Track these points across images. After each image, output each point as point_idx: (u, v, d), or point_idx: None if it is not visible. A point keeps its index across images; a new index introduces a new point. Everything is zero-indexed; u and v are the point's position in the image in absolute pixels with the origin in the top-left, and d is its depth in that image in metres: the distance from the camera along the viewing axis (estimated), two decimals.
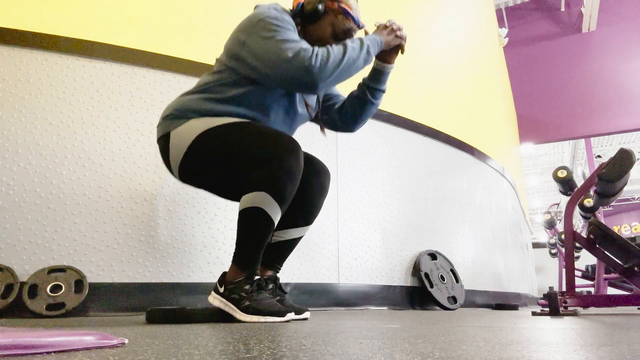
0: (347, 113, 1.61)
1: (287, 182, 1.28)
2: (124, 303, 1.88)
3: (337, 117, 1.63)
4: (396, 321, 1.31)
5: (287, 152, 1.28)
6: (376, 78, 1.55)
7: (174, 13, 2.32)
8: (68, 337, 0.58)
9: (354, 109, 1.60)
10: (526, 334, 0.87)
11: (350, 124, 1.63)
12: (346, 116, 1.61)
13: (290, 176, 1.28)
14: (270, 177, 1.27)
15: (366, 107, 1.58)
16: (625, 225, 16.72)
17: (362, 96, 1.57)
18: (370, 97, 1.57)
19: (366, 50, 1.38)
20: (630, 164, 2.24)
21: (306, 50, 1.28)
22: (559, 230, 7.04)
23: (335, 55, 1.31)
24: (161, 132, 1.42)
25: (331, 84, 1.34)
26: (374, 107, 1.60)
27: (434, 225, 3.16)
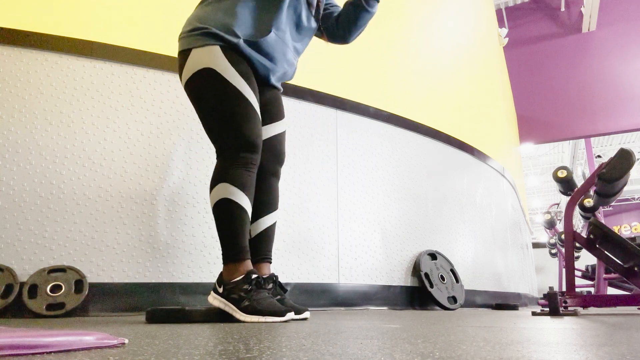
0: (344, 21, 1.68)
1: (244, 172, 1.39)
2: (124, 303, 1.88)
3: (334, 25, 1.70)
4: (396, 321, 1.31)
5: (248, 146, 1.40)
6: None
7: (174, 13, 2.32)
8: (68, 337, 0.58)
9: (349, 17, 1.66)
10: (526, 334, 0.87)
11: (345, 32, 1.70)
12: (343, 24, 1.69)
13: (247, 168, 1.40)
14: (229, 169, 1.38)
15: (361, 15, 1.65)
16: (625, 225, 16.72)
17: (357, 4, 1.64)
18: (365, 5, 1.63)
19: None
20: (630, 164, 2.24)
21: None
22: (559, 230, 7.04)
23: None
24: (183, 47, 1.47)
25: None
26: (368, 15, 1.67)
27: (434, 225, 3.16)
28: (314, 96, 2.65)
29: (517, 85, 8.53)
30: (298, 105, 2.60)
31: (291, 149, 2.50)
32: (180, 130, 2.18)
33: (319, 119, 2.67)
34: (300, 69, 2.29)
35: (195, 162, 2.18)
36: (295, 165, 2.50)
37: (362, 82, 3.01)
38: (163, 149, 2.12)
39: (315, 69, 2.72)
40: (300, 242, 2.40)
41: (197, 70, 1.42)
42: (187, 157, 2.17)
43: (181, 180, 2.13)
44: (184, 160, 2.16)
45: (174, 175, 2.12)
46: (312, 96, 2.65)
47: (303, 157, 2.54)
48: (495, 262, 3.92)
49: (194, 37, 1.44)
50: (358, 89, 2.95)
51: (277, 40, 1.50)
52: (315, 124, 2.64)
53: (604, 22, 8.54)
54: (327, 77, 2.80)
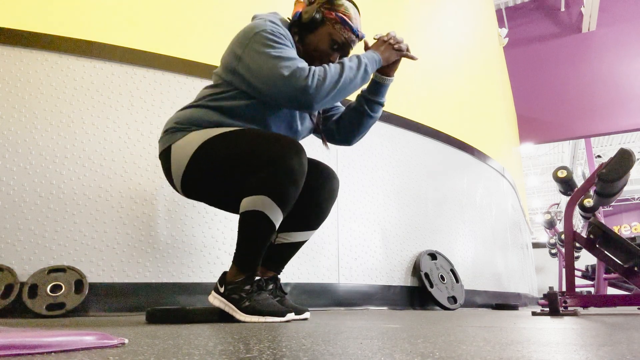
0: (345, 126, 1.57)
1: (289, 185, 1.25)
2: (124, 303, 1.88)
3: (334, 129, 1.60)
4: (396, 321, 1.31)
5: (290, 153, 1.25)
6: (375, 91, 1.52)
7: (174, 13, 2.32)
8: (68, 337, 0.58)
9: (351, 121, 1.56)
10: (526, 334, 0.87)
11: (348, 136, 1.59)
12: (344, 129, 1.58)
13: (293, 179, 1.25)
14: (272, 180, 1.24)
15: (364, 120, 1.55)
16: (625, 225, 16.72)
17: (360, 109, 1.54)
18: (368, 110, 1.53)
19: (364, 70, 1.36)
20: (630, 164, 2.24)
21: (302, 70, 1.26)
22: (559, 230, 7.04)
23: (332, 75, 1.29)
24: (162, 147, 1.39)
25: (327, 104, 1.32)
26: (372, 120, 1.57)
27: (434, 225, 3.16)
28: None
29: (517, 85, 8.53)
30: None
31: None
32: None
33: None
34: None
35: None
36: None
37: None
38: None
39: None
40: None
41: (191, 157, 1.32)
42: None
43: None
44: None
45: None
46: None
47: None
48: (495, 262, 3.92)
49: (170, 135, 1.37)
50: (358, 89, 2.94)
51: None
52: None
53: (604, 22, 8.54)
54: None
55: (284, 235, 1.49)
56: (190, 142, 1.33)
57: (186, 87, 2.24)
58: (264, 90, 1.30)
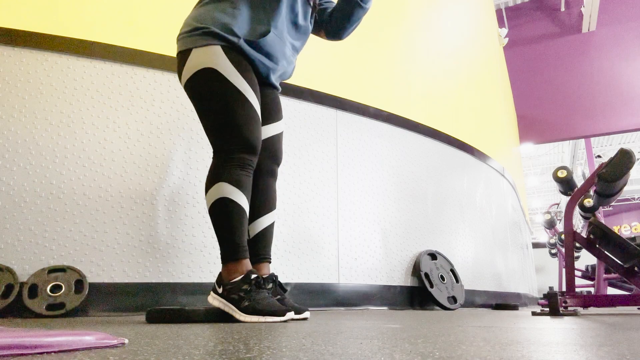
0: (337, 16, 1.67)
1: (241, 172, 1.38)
2: (124, 303, 1.88)
3: (327, 21, 1.69)
4: (396, 321, 1.31)
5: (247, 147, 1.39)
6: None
7: (174, 13, 2.32)
8: (68, 337, 0.58)
9: (343, 13, 1.65)
10: (526, 334, 0.87)
11: (339, 28, 1.69)
12: (336, 20, 1.67)
13: (244, 168, 1.39)
14: (225, 168, 1.37)
15: (355, 11, 1.64)
16: (625, 225, 16.72)
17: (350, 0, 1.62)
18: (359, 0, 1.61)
19: None
20: (630, 164, 2.24)
21: None
22: (559, 230, 7.05)
23: None
24: (183, 47, 1.46)
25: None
26: (362, 11, 1.66)
27: (434, 225, 3.16)
28: (314, 96, 2.65)
29: (517, 85, 8.53)
30: (298, 105, 2.60)
31: (291, 149, 2.50)
32: (180, 130, 2.18)
33: (319, 119, 2.67)
34: (300, 69, 2.29)
35: (195, 162, 2.18)
36: (295, 165, 2.50)
37: (362, 82, 3.01)
38: (163, 149, 2.12)
39: (315, 69, 2.72)
40: (300, 242, 2.40)
41: (197, 70, 1.42)
42: (187, 157, 2.17)
43: (181, 180, 2.13)
44: (184, 160, 2.16)
45: (174, 175, 2.12)
46: (312, 96, 2.64)
47: (303, 157, 2.54)
48: (495, 262, 3.92)
49: (193, 37, 1.44)
50: (358, 89, 2.95)
51: (276, 39, 1.49)
52: (315, 124, 2.64)
53: (604, 22, 8.54)
54: (327, 77, 2.80)
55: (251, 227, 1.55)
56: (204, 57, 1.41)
57: None
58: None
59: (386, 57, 3.24)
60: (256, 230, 1.56)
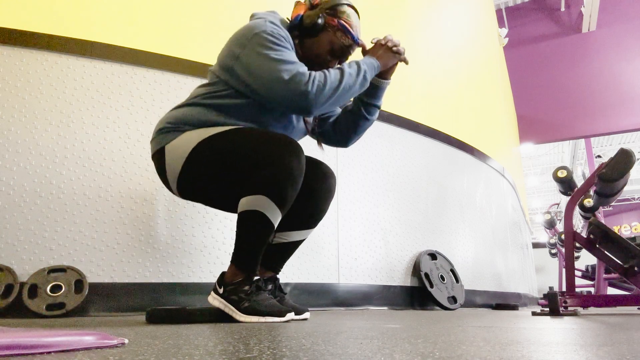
0: (342, 128, 1.58)
1: (287, 184, 1.25)
2: (124, 303, 1.88)
3: (331, 131, 1.60)
4: (396, 321, 1.31)
5: (288, 153, 1.25)
6: (372, 93, 1.52)
7: (174, 13, 2.32)
8: (68, 337, 0.58)
9: (348, 124, 1.57)
10: (526, 334, 0.87)
11: (344, 138, 1.60)
12: (340, 131, 1.58)
13: (292, 178, 1.25)
14: (271, 180, 1.24)
15: (360, 123, 1.56)
16: (625, 225, 16.72)
17: (356, 111, 1.54)
18: (364, 113, 1.54)
19: (362, 76, 1.36)
20: (630, 164, 2.24)
21: (303, 75, 1.25)
22: (559, 230, 7.04)
23: (332, 81, 1.29)
24: (155, 147, 1.38)
25: (325, 109, 1.32)
26: (368, 123, 1.57)
27: (434, 225, 3.16)
28: None
29: (517, 85, 8.53)
30: None
31: None
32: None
33: None
34: None
35: None
36: None
37: None
38: None
39: None
40: None
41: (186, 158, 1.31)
42: None
43: None
44: None
45: None
46: None
47: None
48: (495, 262, 3.92)
49: (163, 135, 1.36)
50: None
51: None
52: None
53: (604, 22, 8.54)
54: None
55: (282, 234, 1.49)
56: (185, 142, 1.32)
57: (186, 87, 2.24)
58: (261, 92, 1.29)
59: None
60: (285, 239, 1.48)
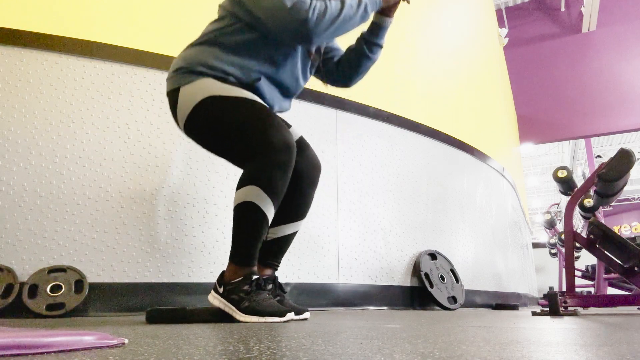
0: (345, 66, 1.62)
1: (278, 176, 1.28)
2: (124, 303, 1.88)
3: (334, 70, 1.65)
4: (396, 321, 1.31)
5: (281, 146, 1.28)
6: (374, 32, 1.56)
7: (174, 13, 2.32)
8: (68, 337, 0.58)
9: (350, 62, 1.61)
10: (526, 334, 0.87)
11: (347, 77, 1.65)
12: (343, 69, 1.63)
13: (282, 170, 1.29)
14: (262, 171, 1.28)
15: (363, 61, 1.60)
16: (625, 225, 16.72)
17: (359, 50, 1.58)
18: (367, 51, 1.58)
19: (363, 9, 1.40)
20: (630, 164, 2.24)
21: (304, 3, 1.30)
22: (559, 230, 7.05)
23: (333, 11, 1.33)
24: (171, 86, 1.42)
25: (325, 38, 1.36)
26: (370, 62, 1.61)
27: (434, 225, 3.16)
28: (314, 96, 2.65)
29: (517, 85, 8.53)
30: (298, 105, 2.59)
31: None
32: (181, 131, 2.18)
33: (319, 119, 2.67)
34: None
35: (195, 162, 2.18)
36: None
37: (362, 82, 3.00)
38: (163, 149, 2.12)
39: None
40: (300, 242, 2.40)
41: (193, 107, 1.36)
42: (187, 157, 2.17)
43: (181, 180, 2.13)
44: (184, 160, 2.16)
45: (174, 175, 2.12)
46: (312, 96, 2.64)
47: None
48: (495, 262, 3.92)
49: (179, 76, 1.39)
50: (358, 89, 2.94)
51: (266, 87, 1.44)
52: (315, 124, 2.64)
53: (604, 22, 8.54)
54: None
55: (273, 230, 1.51)
56: (198, 90, 1.36)
57: None
58: (265, 20, 1.34)
59: (386, 57, 3.24)
60: (277, 234, 1.50)
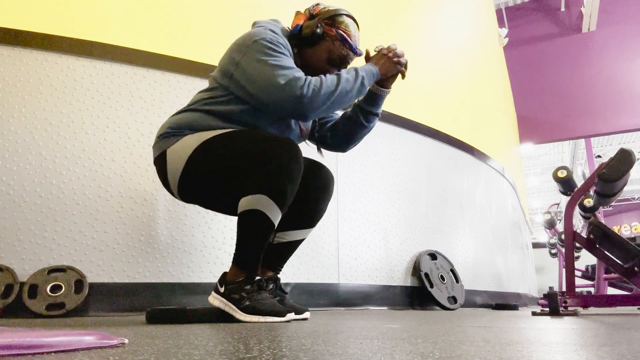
0: (339, 134, 1.59)
1: (286, 183, 1.26)
2: (124, 303, 1.88)
3: (329, 136, 1.61)
4: (396, 321, 1.31)
5: (286, 153, 1.26)
6: (371, 101, 1.53)
7: (174, 13, 2.32)
8: (68, 337, 0.58)
9: (346, 130, 1.58)
10: (526, 334, 0.87)
11: (342, 144, 1.61)
12: (338, 136, 1.59)
13: (290, 177, 1.27)
14: (270, 179, 1.25)
15: (358, 130, 1.57)
16: (625, 225, 16.72)
17: (355, 118, 1.55)
18: (363, 120, 1.54)
19: (360, 83, 1.37)
20: (630, 164, 2.24)
21: (299, 79, 1.27)
22: (559, 230, 7.05)
23: (328, 85, 1.30)
24: (157, 152, 1.40)
25: (321, 114, 1.33)
26: (366, 130, 1.58)
27: (434, 225, 3.16)
28: None
29: (517, 85, 8.53)
30: None
31: None
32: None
33: None
34: None
35: None
36: None
37: None
38: None
39: None
40: None
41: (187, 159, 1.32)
42: None
43: None
44: None
45: None
46: None
47: None
48: (495, 262, 3.92)
49: (164, 141, 1.38)
50: None
51: None
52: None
53: (604, 22, 8.54)
54: None
55: (282, 234, 1.49)
56: (185, 145, 1.34)
57: (186, 87, 2.24)
58: (259, 97, 1.31)
59: None
60: (285, 239, 1.49)
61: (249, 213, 1.27)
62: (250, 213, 1.27)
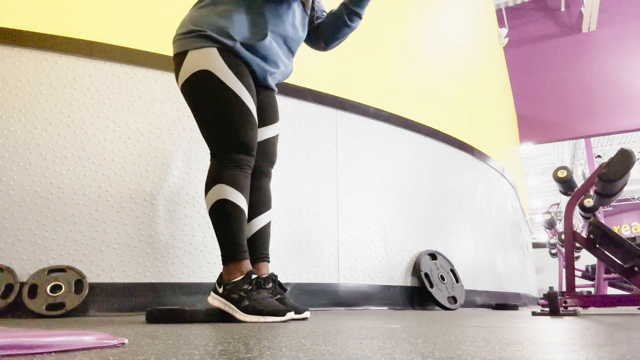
0: (324, 29, 1.68)
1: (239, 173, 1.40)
2: (124, 303, 1.88)
3: (314, 32, 1.71)
4: (396, 321, 1.31)
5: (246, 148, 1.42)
6: (356, 1, 1.61)
7: (174, 13, 2.32)
8: (68, 337, 0.58)
9: (329, 27, 1.67)
10: (526, 334, 0.87)
11: (325, 41, 1.70)
12: (323, 32, 1.69)
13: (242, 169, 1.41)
14: (224, 169, 1.39)
15: (341, 28, 1.65)
16: (625, 225, 16.71)
17: (340, 16, 1.64)
18: (346, 18, 1.63)
19: None
20: (631, 163, 2.24)
21: None
22: (559, 230, 7.04)
23: None
24: (179, 49, 1.46)
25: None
26: (348, 30, 1.66)
27: (434, 225, 3.16)
28: (314, 96, 2.65)
29: (517, 85, 8.53)
30: (298, 105, 2.60)
31: (291, 149, 2.50)
32: (180, 130, 2.18)
33: (319, 119, 2.67)
34: (300, 69, 2.29)
35: (195, 162, 2.18)
36: (295, 165, 2.50)
37: (362, 82, 3.01)
38: (163, 149, 2.12)
39: (315, 69, 2.72)
40: (300, 242, 2.40)
41: (194, 73, 1.42)
42: (187, 157, 2.17)
43: (181, 180, 2.13)
44: (184, 160, 2.16)
45: (174, 175, 2.12)
46: (312, 96, 2.64)
47: (303, 157, 2.54)
48: (495, 262, 3.92)
49: (189, 39, 1.43)
50: (358, 89, 2.95)
51: (273, 43, 1.49)
52: (315, 124, 2.65)
53: (604, 22, 8.54)
54: (327, 77, 2.80)
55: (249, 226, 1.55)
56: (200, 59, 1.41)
57: None
58: None
59: (386, 57, 3.24)
60: (253, 230, 1.56)
61: (215, 205, 1.37)
62: (215, 205, 1.37)
